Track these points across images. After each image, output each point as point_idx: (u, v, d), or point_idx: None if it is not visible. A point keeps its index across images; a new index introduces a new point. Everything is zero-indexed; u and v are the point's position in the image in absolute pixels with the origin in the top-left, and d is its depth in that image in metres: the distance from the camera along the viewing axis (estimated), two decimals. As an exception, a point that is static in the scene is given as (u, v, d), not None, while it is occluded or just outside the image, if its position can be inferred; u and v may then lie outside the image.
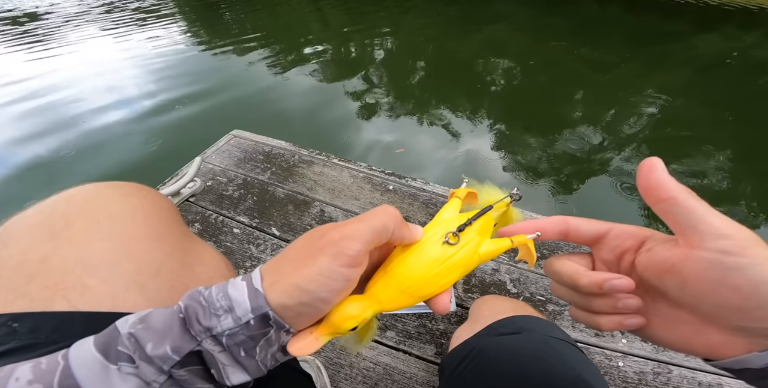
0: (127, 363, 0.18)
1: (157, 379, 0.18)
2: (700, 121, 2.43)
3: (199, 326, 0.19)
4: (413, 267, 0.23)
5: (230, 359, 0.20)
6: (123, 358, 0.18)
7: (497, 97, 2.74)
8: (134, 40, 3.58)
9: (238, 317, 0.20)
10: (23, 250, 0.27)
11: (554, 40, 3.58)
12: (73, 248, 0.28)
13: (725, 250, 0.19)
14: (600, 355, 0.71)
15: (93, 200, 0.32)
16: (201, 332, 0.19)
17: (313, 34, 3.81)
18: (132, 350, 0.18)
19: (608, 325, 0.25)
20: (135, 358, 0.18)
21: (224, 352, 0.20)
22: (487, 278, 0.83)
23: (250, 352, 0.20)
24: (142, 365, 0.18)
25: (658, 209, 0.23)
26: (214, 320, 0.19)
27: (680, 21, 4.09)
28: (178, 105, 2.37)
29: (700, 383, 0.68)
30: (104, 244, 0.29)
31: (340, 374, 0.67)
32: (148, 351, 0.18)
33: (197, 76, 2.84)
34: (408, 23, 4.11)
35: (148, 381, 0.18)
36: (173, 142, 2.07)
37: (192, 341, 0.19)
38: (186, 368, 0.19)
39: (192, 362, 0.19)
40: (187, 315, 0.20)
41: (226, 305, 0.20)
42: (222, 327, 0.19)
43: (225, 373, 0.20)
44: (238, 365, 0.20)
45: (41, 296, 0.25)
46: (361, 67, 3.10)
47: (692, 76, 3.00)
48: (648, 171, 0.23)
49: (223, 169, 1.10)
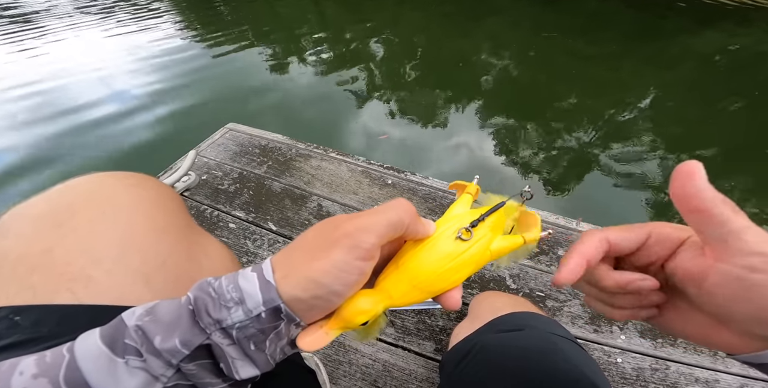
0: (135, 357, 0.17)
1: (165, 373, 0.18)
2: (698, 115, 2.43)
3: (208, 318, 0.19)
4: (425, 262, 0.23)
5: (240, 352, 0.19)
6: (130, 351, 0.18)
7: (494, 91, 2.73)
8: (129, 32, 3.50)
9: (249, 309, 0.19)
10: (26, 241, 0.27)
11: (545, 32, 3.57)
12: (78, 239, 0.27)
13: (753, 267, 0.18)
14: (599, 351, 0.71)
15: (98, 190, 0.31)
16: (210, 325, 0.18)
17: (309, 26, 3.75)
18: (139, 344, 0.18)
19: (623, 316, 0.25)
20: (142, 351, 0.18)
21: (234, 345, 0.19)
22: (486, 274, 0.82)
23: (260, 345, 0.20)
24: (150, 359, 0.17)
25: (690, 218, 0.21)
26: (225, 313, 0.19)
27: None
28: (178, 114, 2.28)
29: (697, 379, 0.68)
30: (109, 235, 0.28)
31: (339, 371, 0.66)
32: (157, 344, 0.18)
33: (192, 68, 2.79)
34: (405, 16, 4.07)
35: (156, 375, 0.18)
36: (167, 135, 2.04)
37: (201, 334, 0.18)
38: (195, 363, 0.18)
39: (201, 355, 0.19)
40: (196, 307, 0.19)
41: (237, 297, 0.19)
42: (232, 320, 0.19)
43: (234, 367, 0.19)
44: (247, 359, 0.20)
45: (45, 288, 0.25)
46: (359, 59, 3.06)
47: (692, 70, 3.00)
48: (685, 178, 0.20)
49: (218, 163, 1.08)
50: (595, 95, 2.65)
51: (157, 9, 4.12)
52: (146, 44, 3.21)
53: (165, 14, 3.94)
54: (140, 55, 2.98)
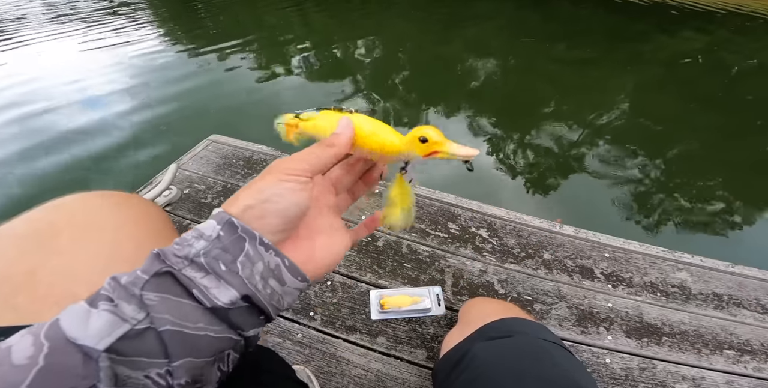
0: (106, 301, 0.19)
1: (136, 315, 0.18)
2: (674, 115, 2.54)
3: (175, 258, 0.20)
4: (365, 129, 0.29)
5: (213, 280, 0.20)
6: (102, 298, 0.19)
7: (480, 95, 2.79)
8: (108, 39, 3.44)
9: (208, 235, 0.21)
10: (9, 262, 0.27)
11: (525, 37, 3.69)
12: (62, 260, 0.28)
13: None
14: (587, 352, 0.72)
15: (81, 210, 0.31)
16: (178, 263, 0.20)
17: (295, 35, 3.76)
18: (111, 290, 0.19)
19: None
20: (113, 297, 0.19)
21: (208, 276, 0.20)
22: (475, 280, 0.83)
23: (230, 266, 0.21)
24: (120, 304, 0.18)
25: None
26: (187, 249, 0.20)
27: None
28: (162, 126, 2.22)
29: (684, 376, 0.70)
30: (93, 256, 0.29)
31: (332, 383, 0.65)
32: (122, 282, 0.19)
33: (172, 77, 2.75)
34: (390, 23, 4.14)
35: (125, 318, 0.18)
36: (146, 148, 2.00)
37: (161, 263, 0.20)
38: (158, 293, 0.19)
39: (166, 286, 0.20)
40: (162, 252, 0.20)
41: (197, 234, 0.21)
42: (196, 249, 0.20)
43: (208, 295, 0.20)
44: (222, 281, 0.20)
45: (29, 308, 0.25)
46: (345, 68, 3.09)
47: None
48: None
49: (200, 176, 1.06)
50: (575, 98, 2.74)
51: (137, 19, 4.07)
52: (124, 53, 3.15)
53: (146, 25, 3.89)
54: (117, 64, 2.92)
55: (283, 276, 0.23)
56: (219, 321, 0.20)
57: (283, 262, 0.23)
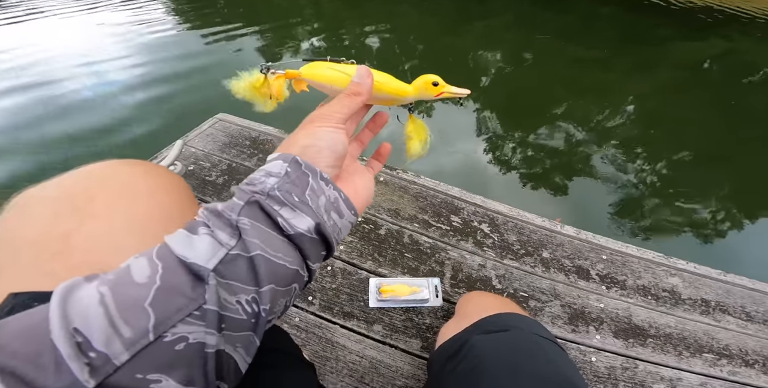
0: (204, 227, 0.21)
1: (229, 242, 0.21)
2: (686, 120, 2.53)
3: (252, 188, 0.23)
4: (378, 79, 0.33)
5: (290, 211, 0.23)
6: (199, 225, 0.21)
7: (488, 91, 2.75)
8: (118, 16, 3.33)
9: (276, 172, 0.24)
10: (45, 224, 0.27)
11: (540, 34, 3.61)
12: (97, 223, 0.28)
13: None
14: (575, 350, 0.74)
15: (113, 176, 0.32)
16: (255, 193, 0.23)
17: (305, 18, 3.66)
18: (206, 218, 0.22)
19: None
20: (210, 225, 0.21)
21: (284, 207, 0.23)
22: (473, 274, 0.84)
23: (301, 198, 0.24)
24: (216, 231, 0.21)
25: None
26: (261, 185, 0.23)
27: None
28: (168, 103, 2.17)
29: (662, 377, 0.73)
30: (127, 222, 0.29)
31: (326, 367, 0.67)
32: (219, 208, 0.22)
33: (182, 55, 2.68)
34: (402, 11, 4.03)
35: (221, 242, 0.21)
36: (153, 124, 1.97)
37: (249, 194, 0.23)
38: (250, 219, 0.22)
39: (254, 214, 0.22)
40: (238, 188, 0.24)
41: (265, 174, 0.24)
42: (270, 185, 0.23)
43: (289, 224, 0.23)
44: (297, 211, 0.23)
45: (65, 276, 0.25)
46: (353, 54, 3.03)
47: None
48: None
49: (206, 154, 1.06)
50: (586, 99, 2.71)
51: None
52: (134, 28, 3.06)
53: (154, 2, 3.76)
54: (126, 40, 2.84)
55: (341, 208, 0.26)
56: (294, 251, 0.23)
57: (340, 195, 0.26)
